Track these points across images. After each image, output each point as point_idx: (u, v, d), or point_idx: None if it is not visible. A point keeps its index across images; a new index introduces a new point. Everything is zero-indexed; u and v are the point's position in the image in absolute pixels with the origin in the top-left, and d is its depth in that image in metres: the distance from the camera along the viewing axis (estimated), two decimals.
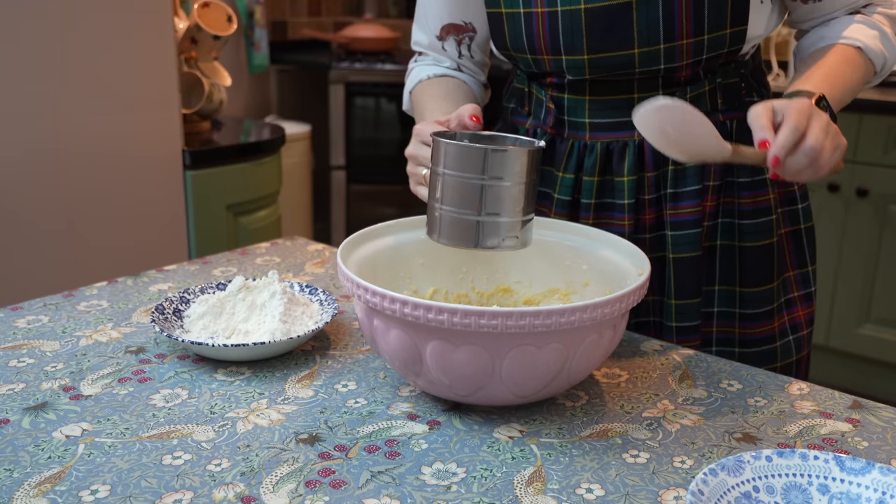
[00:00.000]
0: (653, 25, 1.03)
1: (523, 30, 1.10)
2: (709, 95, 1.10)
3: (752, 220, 1.13)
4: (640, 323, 1.18)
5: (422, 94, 1.21)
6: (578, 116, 1.13)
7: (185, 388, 0.95)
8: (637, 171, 1.11)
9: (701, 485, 0.72)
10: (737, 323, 1.16)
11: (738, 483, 0.74)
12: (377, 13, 4.32)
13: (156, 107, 2.08)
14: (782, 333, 1.18)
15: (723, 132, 1.10)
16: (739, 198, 1.13)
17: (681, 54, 1.05)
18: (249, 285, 1.09)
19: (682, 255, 1.12)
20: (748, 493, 0.74)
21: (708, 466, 0.75)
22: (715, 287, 1.15)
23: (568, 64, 1.08)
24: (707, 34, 1.04)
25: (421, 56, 1.27)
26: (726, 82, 1.11)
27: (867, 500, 0.73)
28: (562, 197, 1.15)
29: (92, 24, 1.91)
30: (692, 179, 1.11)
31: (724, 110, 1.11)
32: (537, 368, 0.84)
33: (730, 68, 1.11)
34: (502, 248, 0.91)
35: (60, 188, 1.92)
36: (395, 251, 1.03)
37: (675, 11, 1.02)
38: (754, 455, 0.75)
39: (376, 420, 0.89)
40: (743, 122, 1.11)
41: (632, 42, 1.04)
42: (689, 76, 1.09)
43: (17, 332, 1.09)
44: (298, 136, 3.60)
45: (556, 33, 1.07)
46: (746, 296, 1.15)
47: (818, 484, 0.75)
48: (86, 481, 0.77)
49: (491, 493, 0.77)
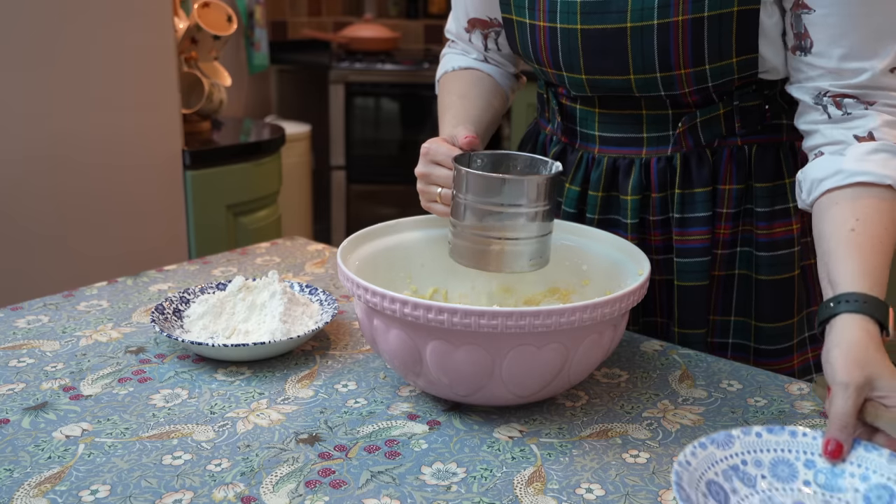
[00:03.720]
0: (648, 54, 0.98)
1: (529, 40, 1.07)
2: (724, 118, 1.03)
3: (768, 252, 1.06)
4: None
5: (445, 86, 1.19)
6: (589, 128, 1.10)
7: (185, 388, 0.95)
8: (641, 191, 1.07)
9: (689, 456, 0.74)
10: (751, 358, 1.10)
11: (726, 456, 0.76)
12: (377, 13, 4.32)
13: (156, 107, 2.08)
14: (803, 371, 1.11)
15: (740, 157, 1.05)
16: (756, 227, 1.06)
17: (680, 83, 1.00)
18: (249, 285, 1.09)
19: (688, 283, 1.07)
20: (736, 466, 0.76)
21: (698, 440, 0.76)
22: (731, 318, 1.10)
23: (569, 81, 1.06)
24: (709, 64, 0.98)
25: (452, 43, 1.25)
26: (745, 105, 1.03)
27: (850, 475, 0.75)
28: (567, 209, 1.13)
29: (92, 24, 1.91)
30: (701, 206, 1.05)
31: (744, 134, 1.04)
32: (537, 368, 0.84)
33: (749, 90, 1.03)
34: (524, 272, 0.94)
35: (60, 188, 1.92)
36: (395, 251, 1.03)
37: (670, 42, 0.97)
38: (744, 431, 0.77)
39: (376, 420, 0.89)
40: (764, 148, 1.05)
41: (627, 68, 1.00)
42: (698, 100, 1.03)
43: (17, 332, 1.09)
44: (298, 136, 3.60)
45: (555, 49, 1.04)
46: (763, 331, 1.09)
47: (805, 459, 0.77)
48: (86, 481, 0.77)
49: (491, 493, 0.77)
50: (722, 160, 1.05)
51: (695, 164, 1.05)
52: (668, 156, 1.06)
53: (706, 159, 1.05)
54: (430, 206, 1.01)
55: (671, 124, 1.05)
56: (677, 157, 1.05)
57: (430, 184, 0.99)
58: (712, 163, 1.05)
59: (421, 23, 4.33)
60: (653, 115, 1.05)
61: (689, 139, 1.04)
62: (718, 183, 1.05)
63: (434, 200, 0.99)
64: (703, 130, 1.04)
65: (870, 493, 0.73)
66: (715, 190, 1.05)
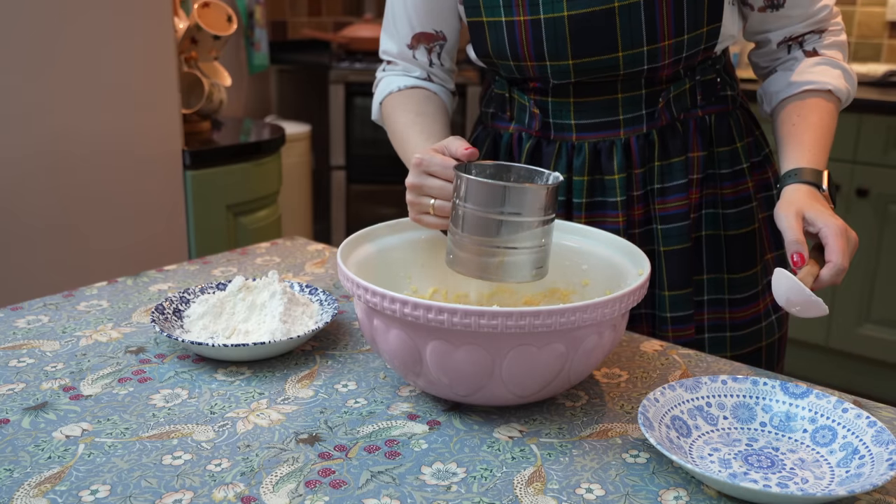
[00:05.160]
0: (636, 29, 1.06)
1: (506, 38, 1.11)
2: (689, 92, 1.14)
3: (734, 209, 1.18)
4: (634, 315, 1.19)
5: (395, 107, 1.21)
6: (564, 118, 1.15)
7: (185, 388, 0.95)
8: (626, 169, 1.15)
9: (658, 395, 0.86)
10: (727, 309, 1.20)
11: (692, 398, 0.88)
12: (377, 13, 4.32)
13: (156, 107, 2.08)
14: (766, 314, 1.23)
15: (702, 126, 1.16)
16: (722, 188, 1.17)
17: (663, 54, 1.08)
18: (249, 285, 1.09)
19: (673, 247, 1.16)
20: (700, 407, 0.87)
21: (668, 384, 0.88)
22: (703, 276, 1.19)
23: (552, 69, 1.10)
24: (687, 34, 1.07)
25: (390, 65, 1.27)
26: (704, 79, 1.15)
27: (801, 419, 0.86)
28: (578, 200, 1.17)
29: (92, 24, 1.91)
30: (678, 174, 1.15)
31: (703, 105, 1.16)
32: (537, 368, 0.84)
33: (707, 65, 1.15)
34: (525, 282, 0.94)
35: (60, 188, 1.92)
36: (395, 251, 1.03)
37: (656, 14, 1.05)
38: (711, 378, 0.89)
39: (376, 420, 0.89)
40: (719, 116, 1.17)
41: (615, 46, 1.07)
42: (671, 74, 1.12)
43: (17, 332, 1.09)
44: (298, 136, 3.60)
45: (539, 41, 1.09)
46: (734, 281, 1.19)
47: (763, 404, 0.88)
48: (86, 481, 0.77)
49: (491, 493, 0.77)
50: (689, 130, 1.16)
51: (669, 137, 1.15)
52: (645, 132, 1.14)
53: (678, 131, 1.15)
54: (420, 219, 1.00)
55: (644, 104, 1.13)
56: (654, 132, 1.14)
57: (422, 195, 0.99)
58: (682, 133, 1.15)
59: None
60: (627, 97, 1.12)
61: (666, 113, 1.14)
62: (689, 151, 1.16)
63: (425, 212, 0.99)
64: (674, 104, 1.14)
65: (816, 433, 0.85)
66: (687, 158, 1.15)
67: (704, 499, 0.76)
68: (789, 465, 0.81)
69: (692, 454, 0.81)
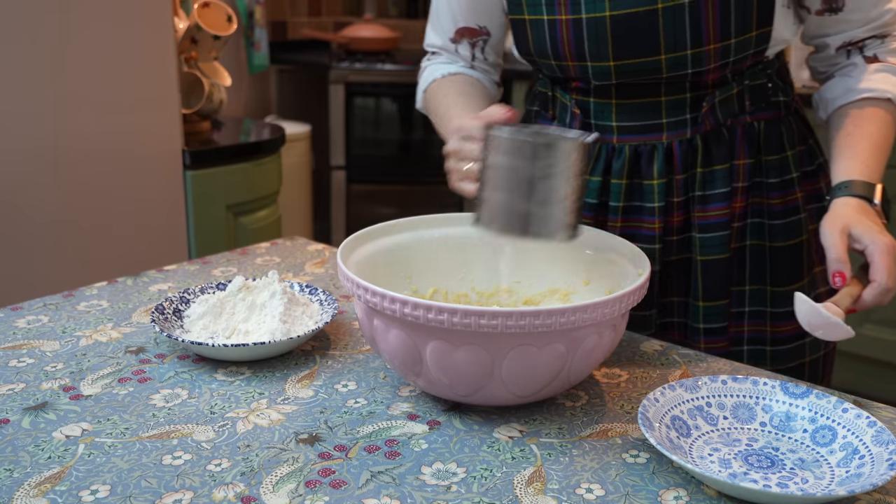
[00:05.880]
0: (679, 32, 1.03)
1: (547, 36, 1.09)
2: (736, 98, 1.10)
3: (782, 220, 1.13)
4: (666, 324, 1.17)
5: (438, 91, 1.21)
6: (605, 120, 1.12)
7: (185, 388, 0.95)
8: (666, 174, 1.11)
9: (658, 395, 0.86)
10: (768, 322, 1.15)
11: (692, 398, 0.88)
12: (377, 13, 4.32)
13: (156, 107, 2.07)
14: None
15: (750, 133, 1.11)
16: (769, 198, 1.13)
17: (708, 58, 1.04)
18: (249, 285, 1.09)
19: (711, 256, 1.12)
20: (700, 407, 0.87)
21: (668, 384, 0.88)
22: (745, 287, 1.15)
23: (593, 70, 1.08)
24: (734, 38, 1.03)
25: (434, 56, 1.27)
26: (753, 84, 1.10)
27: (801, 419, 0.86)
28: (589, 200, 1.15)
29: (92, 24, 1.91)
30: (721, 182, 1.11)
31: (752, 111, 1.11)
32: (537, 368, 0.84)
33: (756, 69, 1.10)
34: (551, 239, 0.90)
35: (61, 188, 1.92)
36: (395, 251, 1.03)
37: (701, 17, 1.02)
38: (711, 378, 0.89)
39: (376, 420, 0.89)
40: (769, 123, 1.12)
41: (658, 48, 1.04)
42: (717, 79, 1.08)
43: (17, 332, 1.09)
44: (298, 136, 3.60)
45: (580, 40, 1.06)
46: (778, 294, 1.14)
47: (763, 404, 0.88)
48: (86, 481, 0.77)
49: (491, 493, 0.77)
50: (736, 137, 1.11)
51: (714, 143, 1.11)
52: (689, 137, 1.10)
53: (723, 137, 1.11)
54: (460, 186, 0.98)
55: (688, 108, 1.09)
56: (697, 137, 1.10)
57: (461, 160, 0.98)
58: (728, 140, 1.11)
59: (421, 23, 4.33)
60: (671, 100, 1.09)
61: (711, 119, 1.10)
62: (734, 159, 1.11)
63: (465, 178, 0.97)
64: (720, 110, 1.10)
65: (816, 433, 0.85)
66: (732, 166, 1.11)
67: (704, 499, 0.76)
68: (789, 465, 0.81)
69: (692, 454, 0.81)
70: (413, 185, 3.83)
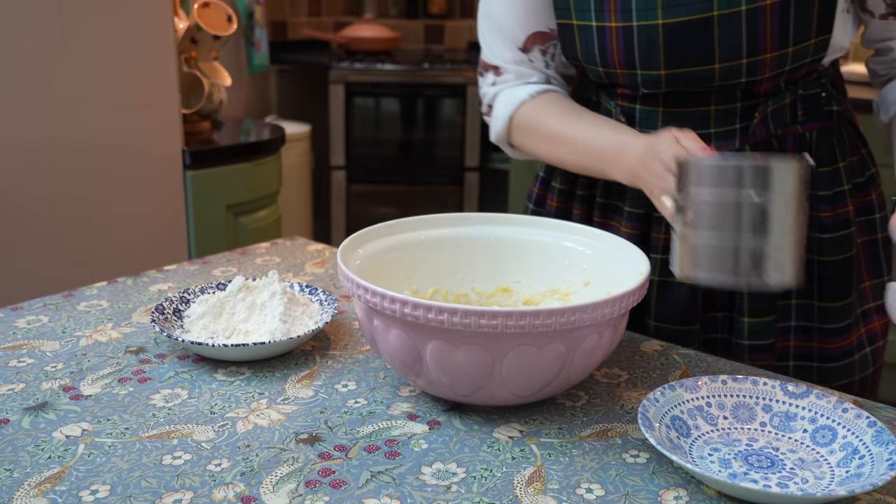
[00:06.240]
0: (735, 40, 0.99)
1: (595, 43, 1.05)
2: (789, 107, 1.06)
3: (832, 233, 1.09)
4: (708, 340, 1.13)
5: (536, 114, 1.12)
6: (650, 128, 1.08)
7: (185, 388, 0.95)
8: None
9: (658, 395, 0.86)
10: (815, 338, 1.12)
11: (692, 398, 0.88)
12: (377, 13, 4.32)
13: (156, 107, 2.08)
14: (860, 346, 1.14)
15: (801, 143, 1.08)
16: (820, 211, 1.09)
17: (763, 67, 1.01)
18: (249, 285, 1.09)
19: None
20: (700, 407, 0.87)
21: (667, 384, 0.87)
22: (791, 301, 1.10)
23: (643, 78, 1.05)
24: (792, 46, 1.00)
25: (499, 76, 1.16)
26: (807, 93, 1.07)
27: (801, 419, 0.86)
28: (633, 210, 1.11)
29: (92, 23, 1.91)
30: None
31: (804, 121, 1.07)
32: (537, 368, 0.84)
33: (811, 78, 1.07)
34: (771, 284, 0.79)
35: (60, 188, 1.92)
36: (395, 251, 1.03)
37: (759, 25, 0.98)
38: (711, 378, 0.89)
39: (376, 420, 0.89)
40: (821, 134, 1.08)
41: (712, 57, 1.00)
42: (770, 88, 1.05)
43: (17, 332, 1.09)
44: (298, 136, 3.60)
45: (630, 48, 1.03)
46: (826, 310, 1.11)
47: (763, 404, 0.88)
48: (86, 481, 0.77)
49: (491, 493, 0.77)
50: (787, 148, 1.07)
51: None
52: (737, 148, 1.06)
53: (774, 148, 1.07)
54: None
55: (738, 117, 1.06)
56: (747, 148, 1.06)
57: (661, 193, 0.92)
58: (779, 150, 1.07)
59: (421, 23, 4.34)
60: (721, 109, 1.05)
61: (762, 129, 1.06)
62: None
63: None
64: (772, 120, 1.06)
65: (816, 433, 0.85)
66: None
67: (704, 499, 0.76)
68: (789, 465, 0.81)
69: (692, 454, 0.82)
70: (413, 185, 3.83)
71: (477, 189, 3.83)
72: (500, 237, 1.07)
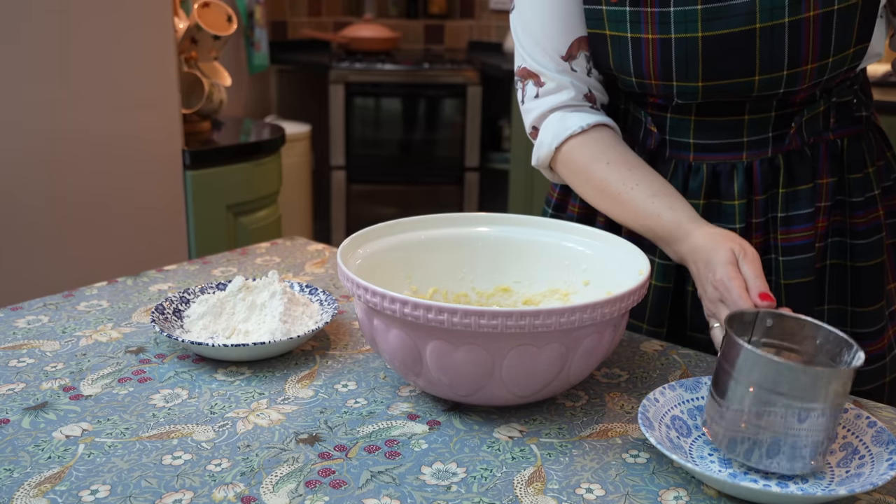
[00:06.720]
0: (777, 52, 0.98)
1: (630, 54, 1.03)
2: (822, 115, 1.06)
3: (865, 239, 1.09)
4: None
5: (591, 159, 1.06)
6: (682, 136, 1.07)
7: (185, 388, 0.95)
8: (746, 194, 1.06)
9: (658, 395, 0.86)
10: None
11: (693, 398, 0.87)
12: (377, 13, 4.32)
13: (156, 107, 2.08)
14: (890, 347, 1.13)
15: (833, 150, 1.07)
16: (853, 217, 1.08)
17: (803, 78, 1.00)
18: (249, 285, 1.09)
19: (795, 280, 1.06)
20: (701, 407, 0.87)
21: (668, 384, 0.88)
22: (825, 307, 1.10)
23: (679, 90, 1.03)
24: (832, 56, 0.99)
25: (542, 86, 1.10)
26: (840, 101, 1.07)
27: None
28: None
29: (92, 24, 1.91)
30: (805, 202, 1.06)
31: (836, 128, 1.07)
32: (537, 368, 0.84)
33: (845, 86, 1.07)
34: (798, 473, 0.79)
35: (60, 188, 1.92)
36: (395, 251, 1.03)
37: (801, 36, 0.97)
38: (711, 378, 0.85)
39: (376, 420, 0.89)
40: (852, 140, 1.08)
41: (752, 70, 0.99)
42: (806, 97, 1.04)
43: (17, 332, 1.09)
44: (298, 136, 3.60)
45: (668, 60, 1.01)
46: (859, 315, 1.10)
47: None
48: (86, 481, 0.77)
49: (491, 493, 0.77)
50: (819, 155, 1.07)
51: (797, 162, 1.06)
52: (770, 157, 1.05)
53: (806, 156, 1.06)
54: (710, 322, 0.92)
55: (772, 126, 1.05)
56: (779, 157, 1.05)
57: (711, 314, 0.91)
58: (811, 158, 1.06)
59: (421, 23, 4.34)
60: (755, 118, 1.04)
61: (797, 138, 1.05)
62: (817, 178, 1.07)
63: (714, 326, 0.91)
64: (805, 128, 1.05)
65: None
66: (815, 185, 1.07)
67: (704, 499, 0.76)
68: None
69: (692, 454, 0.82)
70: (413, 185, 3.83)
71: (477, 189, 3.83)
72: (500, 237, 1.07)
